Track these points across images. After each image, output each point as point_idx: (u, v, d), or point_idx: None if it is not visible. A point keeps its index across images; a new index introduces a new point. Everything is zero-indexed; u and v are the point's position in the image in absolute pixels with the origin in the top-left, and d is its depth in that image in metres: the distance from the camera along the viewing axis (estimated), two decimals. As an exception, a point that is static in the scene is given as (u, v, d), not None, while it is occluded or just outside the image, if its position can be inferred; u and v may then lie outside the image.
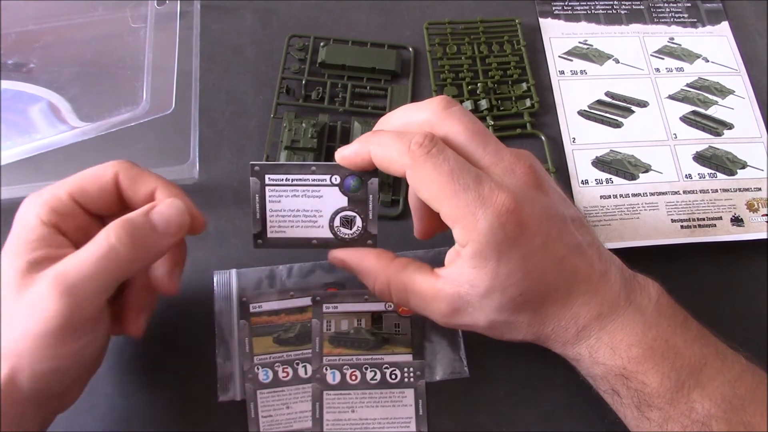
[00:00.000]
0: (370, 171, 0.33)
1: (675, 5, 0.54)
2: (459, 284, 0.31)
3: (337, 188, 0.34)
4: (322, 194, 0.34)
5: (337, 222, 0.35)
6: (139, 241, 0.30)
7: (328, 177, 0.34)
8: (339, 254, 0.35)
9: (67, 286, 0.28)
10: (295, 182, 0.34)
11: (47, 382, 0.30)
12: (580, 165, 0.45)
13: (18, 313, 0.29)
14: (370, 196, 0.34)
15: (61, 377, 0.30)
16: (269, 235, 0.35)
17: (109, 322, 0.32)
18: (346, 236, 0.35)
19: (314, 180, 0.34)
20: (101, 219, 0.34)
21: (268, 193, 0.34)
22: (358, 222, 0.35)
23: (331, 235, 0.35)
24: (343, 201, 0.34)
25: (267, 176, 0.34)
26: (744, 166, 0.46)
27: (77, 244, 0.31)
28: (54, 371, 0.29)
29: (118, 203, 0.33)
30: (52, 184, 0.33)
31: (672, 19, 0.53)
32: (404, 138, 0.31)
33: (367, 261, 0.35)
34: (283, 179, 0.34)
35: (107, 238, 0.29)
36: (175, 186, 0.33)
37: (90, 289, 0.29)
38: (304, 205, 0.34)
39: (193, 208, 0.33)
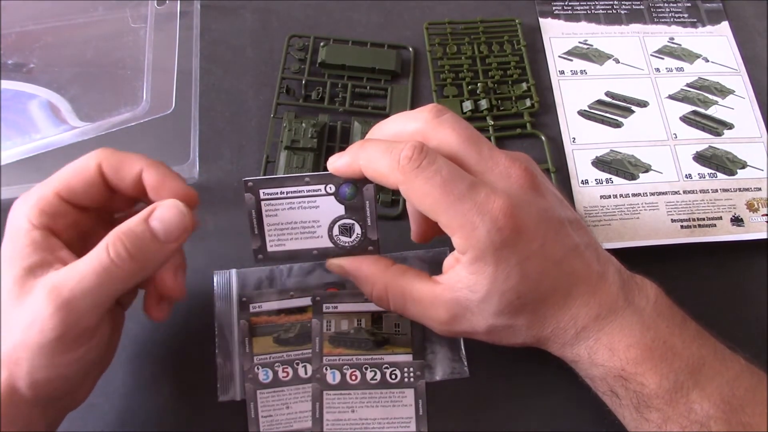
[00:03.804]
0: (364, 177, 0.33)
1: (675, 5, 0.54)
2: (457, 290, 0.32)
3: (332, 197, 0.34)
4: (319, 204, 0.34)
5: (336, 231, 0.34)
6: (138, 253, 0.29)
7: (322, 187, 0.34)
8: (337, 261, 0.35)
9: (64, 300, 0.28)
10: (290, 194, 0.34)
11: (48, 389, 0.29)
12: (580, 165, 0.45)
13: (16, 321, 0.28)
14: (367, 202, 0.34)
15: (63, 383, 0.30)
16: (269, 249, 0.35)
17: (112, 326, 0.32)
18: (346, 244, 0.35)
19: (309, 191, 0.34)
20: (92, 211, 0.33)
21: (264, 208, 0.34)
22: (357, 229, 0.34)
23: (331, 245, 0.35)
24: (340, 209, 0.34)
25: (261, 191, 0.34)
26: (744, 166, 0.46)
27: (70, 243, 0.31)
28: (53, 379, 0.29)
29: (106, 193, 0.32)
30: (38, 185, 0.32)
31: (672, 19, 0.53)
32: (393, 151, 0.31)
33: (364, 267, 0.35)
34: (277, 192, 0.34)
35: (106, 251, 0.29)
36: (161, 164, 0.32)
37: (87, 303, 0.28)
38: (302, 216, 0.34)
39: (169, 176, 0.32)
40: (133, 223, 0.30)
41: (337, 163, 0.33)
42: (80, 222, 0.32)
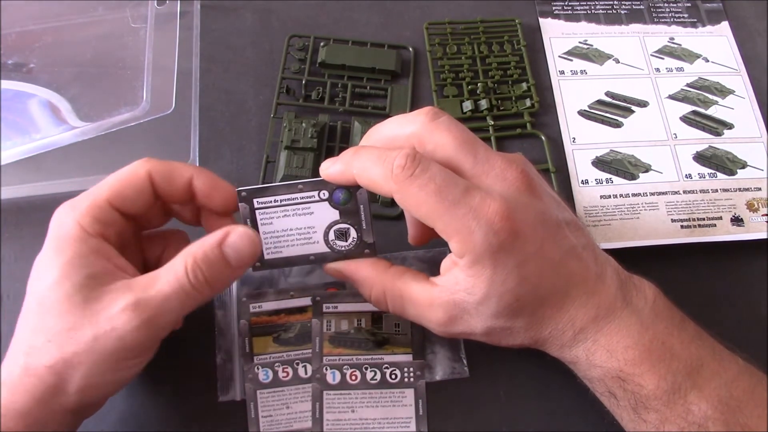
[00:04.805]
0: None
1: (675, 5, 0.54)
2: (455, 292, 0.32)
3: (326, 203, 0.34)
4: (313, 210, 0.34)
5: (331, 236, 0.35)
6: (213, 279, 0.31)
7: (316, 193, 0.34)
8: (335, 265, 0.35)
9: (149, 318, 0.29)
10: (284, 202, 0.34)
11: (95, 394, 0.30)
12: (580, 165, 0.45)
13: (83, 327, 0.29)
14: (361, 206, 0.34)
15: (111, 389, 0.31)
16: (266, 257, 0.35)
17: None
18: (343, 248, 0.35)
19: (303, 198, 0.34)
20: (131, 221, 0.34)
21: (258, 217, 0.34)
22: (353, 233, 0.34)
23: (327, 250, 0.35)
24: (335, 214, 0.34)
25: (255, 200, 0.34)
26: (744, 166, 0.46)
27: (119, 250, 0.32)
28: (105, 384, 0.30)
29: (152, 201, 0.33)
30: (85, 191, 0.32)
31: (672, 19, 0.53)
32: (386, 159, 0.31)
33: (362, 270, 0.35)
34: (271, 201, 0.34)
35: (186, 276, 0.30)
36: (208, 171, 0.34)
37: (167, 321, 0.30)
38: (297, 223, 0.34)
39: (219, 181, 0.34)
40: (209, 249, 0.31)
41: (330, 170, 0.33)
42: (123, 230, 0.33)
